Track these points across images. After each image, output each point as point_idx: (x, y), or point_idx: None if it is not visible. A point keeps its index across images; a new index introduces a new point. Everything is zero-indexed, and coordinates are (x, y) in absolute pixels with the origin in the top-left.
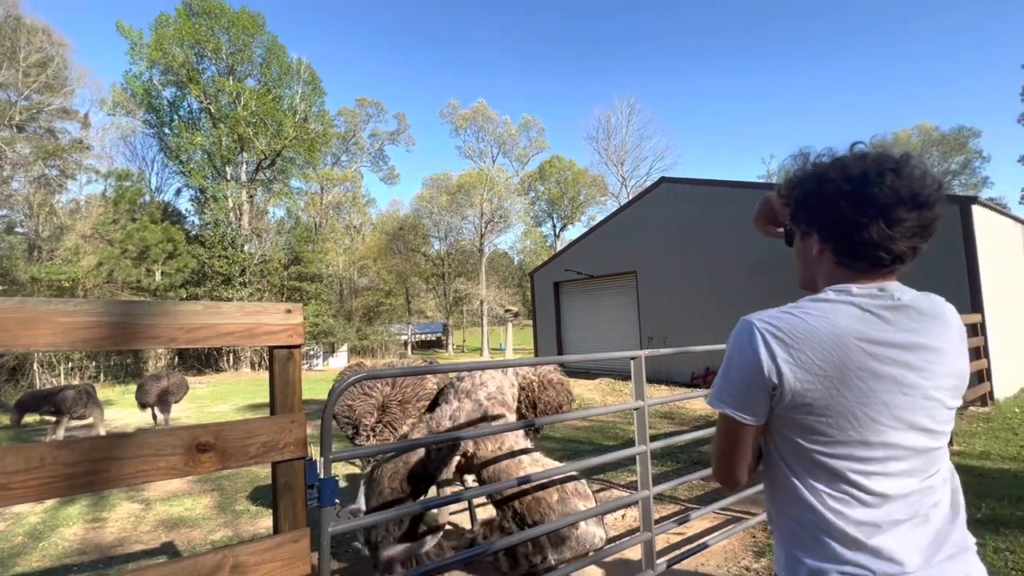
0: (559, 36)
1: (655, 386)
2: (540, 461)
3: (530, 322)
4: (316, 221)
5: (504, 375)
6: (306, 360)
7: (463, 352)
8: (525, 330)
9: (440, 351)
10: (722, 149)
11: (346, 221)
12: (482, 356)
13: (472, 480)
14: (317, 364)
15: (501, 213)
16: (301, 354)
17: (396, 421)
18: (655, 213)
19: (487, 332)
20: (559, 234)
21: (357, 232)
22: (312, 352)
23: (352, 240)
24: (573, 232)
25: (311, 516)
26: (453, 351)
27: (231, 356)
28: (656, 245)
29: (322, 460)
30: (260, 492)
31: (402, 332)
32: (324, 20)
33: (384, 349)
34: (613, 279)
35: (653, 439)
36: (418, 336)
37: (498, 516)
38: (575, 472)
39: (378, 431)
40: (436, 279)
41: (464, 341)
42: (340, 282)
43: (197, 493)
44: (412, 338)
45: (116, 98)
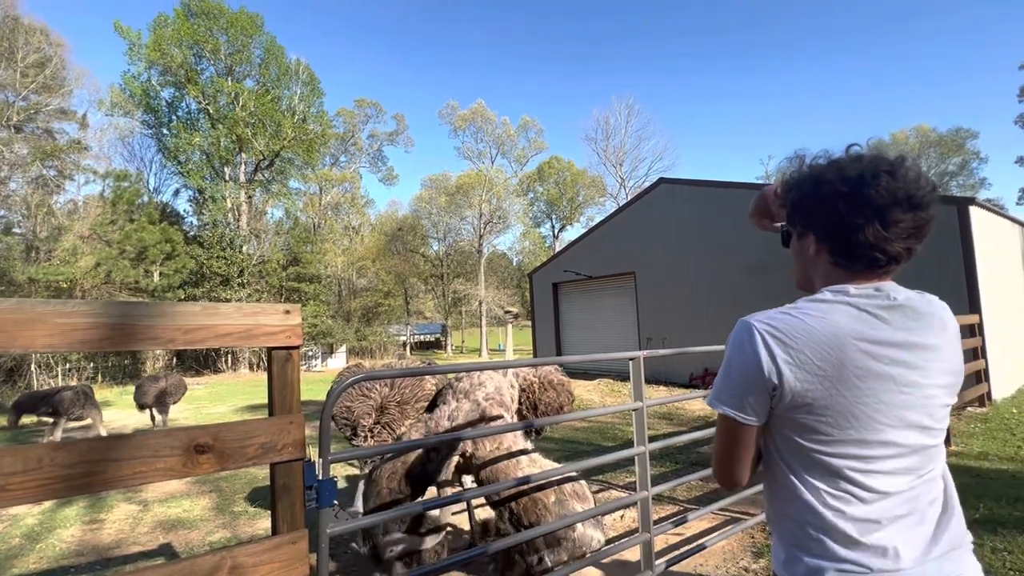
0: (558, 37)
1: (654, 387)
2: (538, 462)
3: (529, 323)
4: (315, 222)
5: (503, 376)
6: (304, 361)
7: (462, 353)
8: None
9: (439, 352)
10: (721, 150)
11: (345, 222)
12: (481, 357)
13: (471, 481)
14: (316, 365)
15: (500, 214)
16: (300, 355)
17: (394, 422)
18: (654, 214)
19: (486, 333)
20: (558, 235)
21: (356, 233)
22: (311, 353)
23: (351, 241)
24: (572, 233)
25: (309, 517)
26: (452, 352)
27: (229, 357)
28: (655, 246)
29: (320, 461)
30: (258, 493)
31: (401, 333)
32: (323, 20)
33: (383, 350)
34: (612, 280)
35: (652, 440)
36: (417, 337)
37: (495, 517)
38: (574, 473)
39: (376, 432)
40: (435, 280)
41: (463, 342)
42: (339, 283)
43: (195, 494)
44: (411, 339)
45: (114, 98)
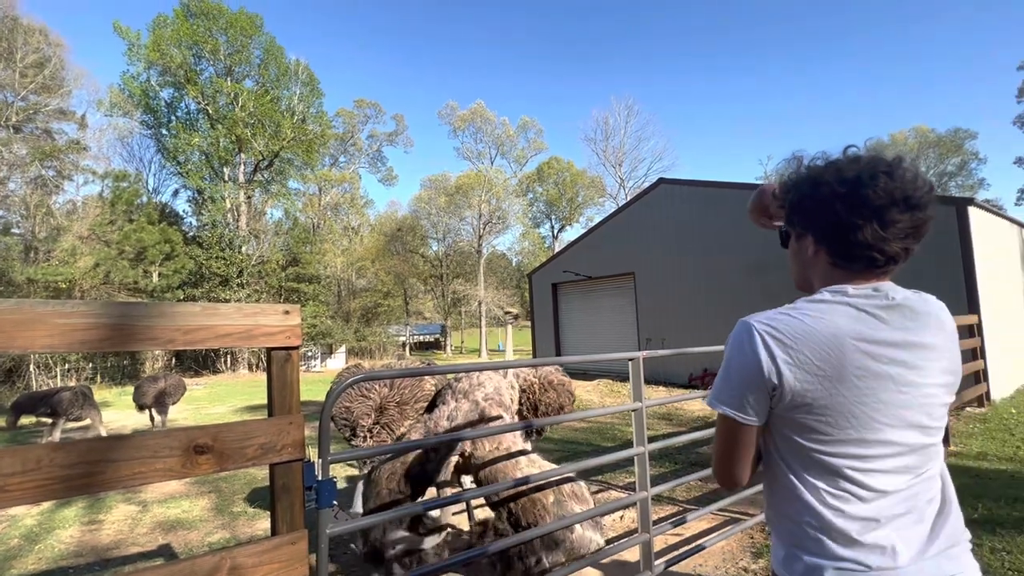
0: (558, 37)
1: (653, 387)
2: (537, 462)
3: (529, 324)
4: (314, 222)
5: (503, 376)
6: (304, 362)
7: (461, 353)
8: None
9: (438, 352)
10: (720, 150)
11: (344, 222)
12: (480, 357)
13: (470, 481)
14: (315, 365)
15: (499, 214)
16: (299, 355)
17: (394, 422)
18: (653, 214)
19: (485, 333)
20: (557, 235)
21: (355, 233)
22: (310, 353)
23: (350, 241)
24: (571, 233)
25: (309, 518)
26: (451, 352)
27: (228, 357)
28: (654, 246)
29: (320, 462)
30: (258, 494)
31: (400, 333)
32: (322, 21)
33: (382, 350)
34: (611, 280)
35: (651, 440)
36: (416, 337)
37: (493, 517)
38: (572, 474)
39: (375, 432)
40: (434, 280)
41: (462, 342)
42: (338, 283)
43: (194, 495)
44: (410, 339)
45: (113, 99)
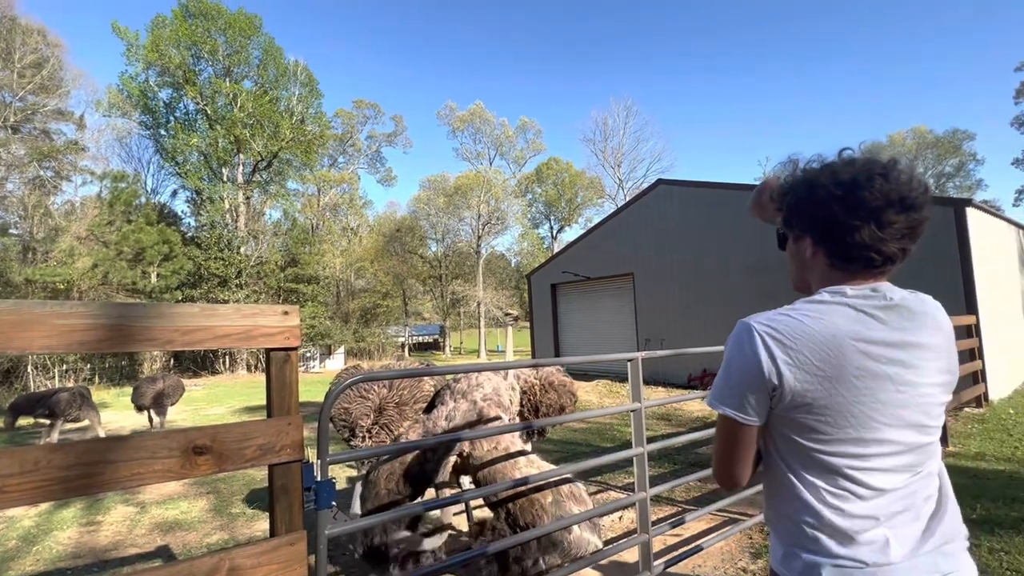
0: (557, 37)
1: (652, 388)
2: (535, 463)
3: (528, 324)
4: (313, 223)
5: (502, 377)
6: (303, 362)
7: (460, 354)
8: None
9: (437, 353)
10: (719, 151)
11: (343, 223)
12: (479, 358)
13: (468, 482)
14: (314, 366)
15: (498, 215)
16: (298, 356)
17: (393, 423)
18: (652, 215)
19: (484, 334)
20: (556, 236)
21: (354, 234)
22: (309, 354)
23: (349, 242)
24: (570, 234)
25: (308, 519)
26: (450, 353)
27: (227, 358)
28: (653, 247)
29: (319, 463)
30: (256, 495)
31: (399, 334)
32: (322, 22)
33: (381, 351)
34: (610, 281)
35: (650, 441)
36: (415, 338)
37: (492, 518)
38: (569, 475)
39: (374, 433)
40: (433, 281)
41: (461, 343)
42: (337, 284)
43: (193, 496)
44: (409, 340)
45: (112, 99)
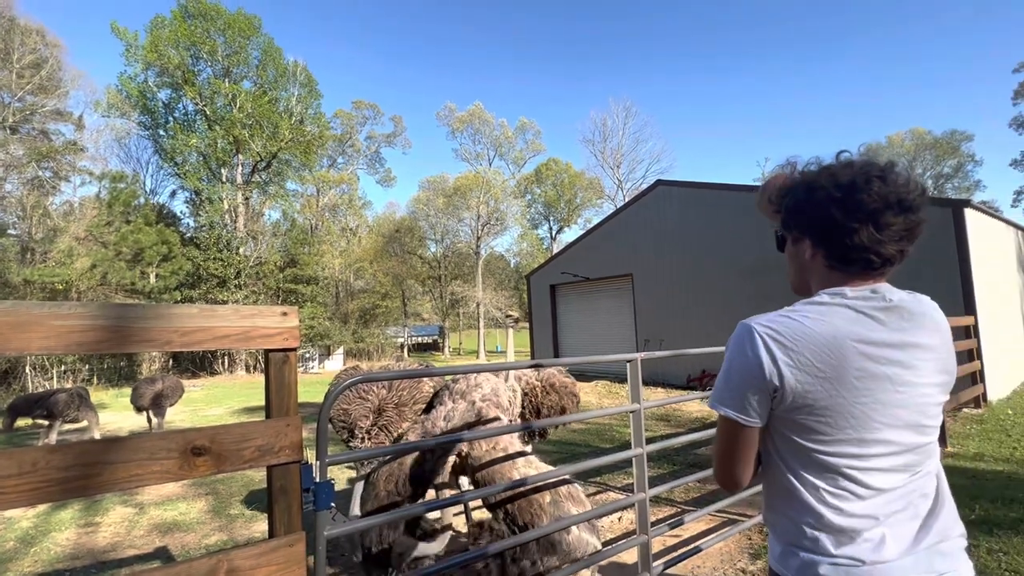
0: (556, 38)
1: (651, 388)
2: (534, 463)
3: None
4: (312, 223)
5: (500, 378)
6: (302, 363)
7: (459, 355)
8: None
9: (436, 354)
10: (719, 151)
11: (342, 223)
12: (478, 359)
13: (467, 483)
14: (313, 367)
15: (497, 216)
16: (297, 357)
17: (392, 424)
18: (651, 216)
19: (483, 335)
20: (555, 237)
21: (353, 234)
22: (308, 355)
23: (348, 243)
24: (569, 235)
25: (307, 520)
26: (449, 354)
27: (226, 359)
28: (652, 248)
29: (318, 464)
30: (255, 496)
31: (398, 335)
32: (321, 22)
33: (380, 352)
34: (609, 282)
35: (649, 442)
36: (414, 339)
37: (490, 518)
38: (567, 475)
39: (374, 434)
40: (432, 282)
41: (460, 344)
42: (336, 285)
43: (191, 497)
44: (408, 341)
45: (111, 100)
